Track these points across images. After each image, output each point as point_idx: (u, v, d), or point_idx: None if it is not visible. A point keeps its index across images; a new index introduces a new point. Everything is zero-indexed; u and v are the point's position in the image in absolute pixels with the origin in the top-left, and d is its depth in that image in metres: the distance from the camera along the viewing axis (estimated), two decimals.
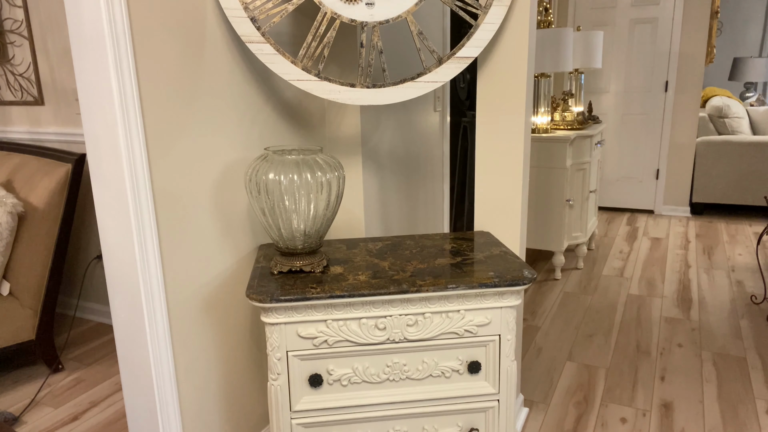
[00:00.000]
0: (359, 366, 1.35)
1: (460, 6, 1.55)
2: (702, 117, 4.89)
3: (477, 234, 1.73)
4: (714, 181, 4.70)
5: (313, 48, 1.53)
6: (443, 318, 1.34)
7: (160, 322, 1.41)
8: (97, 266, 2.85)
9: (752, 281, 3.31)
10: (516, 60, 1.66)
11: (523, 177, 1.74)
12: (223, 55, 1.53)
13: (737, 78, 6.02)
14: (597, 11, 4.81)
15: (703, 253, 3.87)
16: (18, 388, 2.32)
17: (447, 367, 1.38)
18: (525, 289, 1.80)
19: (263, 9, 1.48)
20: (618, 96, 4.88)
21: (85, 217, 2.78)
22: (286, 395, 1.34)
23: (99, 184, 1.34)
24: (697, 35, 4.52)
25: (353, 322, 1.31)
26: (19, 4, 2.63)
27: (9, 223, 2.24)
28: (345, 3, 1.51)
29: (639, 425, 2.01)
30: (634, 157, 4.92)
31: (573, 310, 3.00)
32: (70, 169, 2.36)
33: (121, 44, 1.24)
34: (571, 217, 3.44)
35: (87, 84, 1.27)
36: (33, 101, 2.74)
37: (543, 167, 3.32)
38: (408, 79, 1.57)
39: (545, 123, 3.41)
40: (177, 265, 1.45)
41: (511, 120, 1.71)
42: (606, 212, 5.04)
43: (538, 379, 2.33)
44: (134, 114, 1.29)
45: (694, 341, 2.61)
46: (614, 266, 3.65)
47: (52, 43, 2.62)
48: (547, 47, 3.15)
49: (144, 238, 1.34)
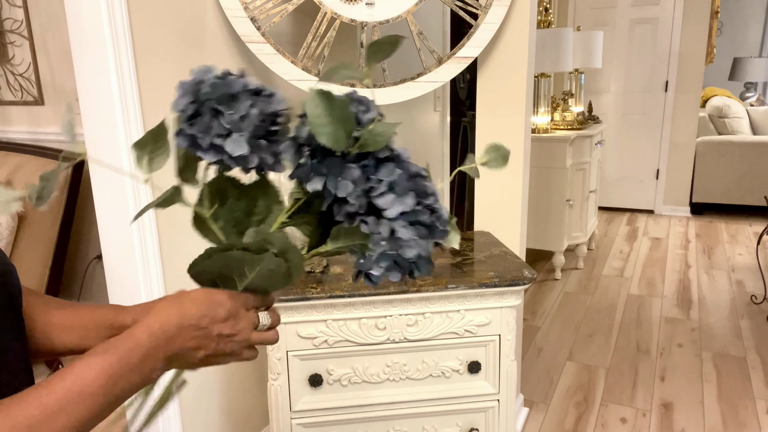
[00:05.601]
0: (359, 366, 1.35)
1: (460, 6, 1.55)
2: (702, 117, 4.89)
3: (477, 234, 1.73)
4: (714, 181, 4.70)
5: (313, 48, 1.53)
6: (443, 318, 1.34)
7: None
8: (97, 266, 2.85)
9: (752, 281, 3.31)
10: (516, 60, 1.66)
11: (523, 177, 1.74)
12: (223, 55, 1.53)
13: (737, 78, 6.02)
14: (597, 11, 4.81)
15: (703, 253, 3.86)
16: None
17: (447, 367, 1.38)
18: (525, 289, 1.80)
19: (263, 9, 1.48)
20: (618, 96, 4.88)
21: (85, 217, 2.78)
22: (286, 395, 1.34)
23: (99, 184, 1.34)
24: (697, 35, 4.51)
25: (353, 322, 1.31)
26: (19, 4, 2.63)
27: (9, 223, 2.24)
28: (345, 3, 1.51)
29: (639, 425, 2.01)
30: (634, 157, 4.91)
31: (573, 310, 3.00)
32: (70, 169, 2.36)
33: (121, 44, 1.24)
34: (571, 217, 3.44)
35: (87, 84, 1.27)
36: (33, 101, 2.74)
37: (543, 167, 3.32)
38: (408, 79, 1.57)
39: (545, 123, 3.41)
40: (177, 265, 1.45)
41: (511, 120, 1.71)
42: (606, 212, 5.03)
43: (538, 379, 2.33)
44: (134, 114, 1.29)
45: (694, 341, 2.61)
46: (614, 266, 3.65)
47: (52, 43, 2.62)
48: (547, 47, 3.15)
49: (144, 238, 1.34)
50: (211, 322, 0.56)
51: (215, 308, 0.57)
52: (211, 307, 0.57)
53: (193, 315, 0.56)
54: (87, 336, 0.66)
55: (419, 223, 0.55)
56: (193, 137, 0.53)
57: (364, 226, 0.55)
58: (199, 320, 0.56)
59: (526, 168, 1.78)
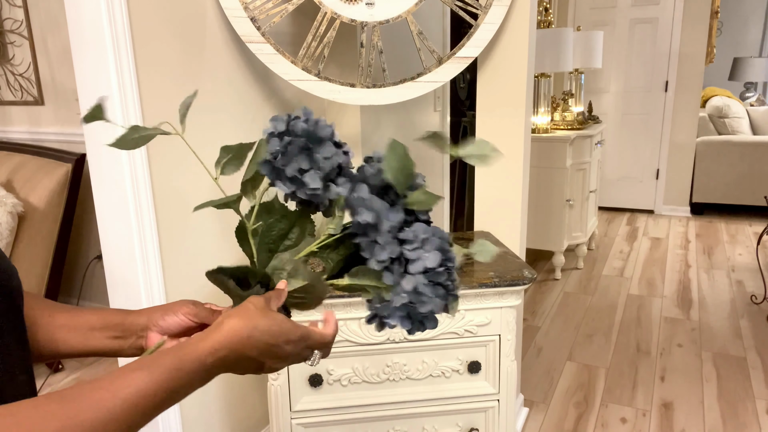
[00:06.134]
0: (359, 366, 1.35)
1: (460, 6, 1.55)
2: (702, 117, 4.89)
3: (477, 234, 1.73)
4: (714, 181, 4.70)
5: (313, 48, 1.53)
6: (443, 318, 1.34)
7: None
8: (97, 266, 2.85)
9: (752, 281, 3.31)
10: (516, 60, 1.66)
11: (523, 177, 1.74)
12: (223, 55, 1.53)
13: (737, 78, 6.02)
14: (597, 11, 4.81)
15: (703, 253, 3.87)
16: None
17: (447, 367, 1.38)
18: (525, 289, 1.80)
19: (263, 9, 1.48)
20: (618, 96, 4.88)
21: (85, 217, 2.78)
22: (286, 395, 1.34)
23: (99, 184, 1.34)
24: (697, 35, 4.51)
25: (353, 322, 1.31)
26: (19, 4, 2.63)
27: (9, 223, 2.24)
28: (345, 3, 1.51)
29: (639, 425, 2.01)
30: (634, 157, 4.91)
31: (573, 310, 3.00)
32: (70, 169, 2.36)
33: (121, 44, 1.24)
34: (571, 217, 3.44)
35: (87, 84, 1.27)
36: (33, 101, 2.74)
37: (543, 167, 3.32)
38: (408, 79, 1.57)
39: (545, 123, 3.41)
40: (177, 265, 1.45)
41: (511, 120, 1.71)
42: (606, 212, 5.03)
43: (538, 379, 2.33)
44: (134, 114, 1.29)
45: (694, 341, 2.61)
46: (614, 266, 3.65)
47: (52, 43, 2.62)
48: (547, 47, 3.15)
49: (144, 238, 1.34)
50: (273, 357, 0.59)
51: (283, 345, 0.59)
52: (279, 340, 0.58)
53: (260, 348, 0.57)
54: (92, 336, 0.66)
55: (439, 283, 0.61)
56: (277, 169, 0.60)
57: (388, 275, 0.59)
58: (261, 354, 0.57)
59: (526, 168, 1.78)
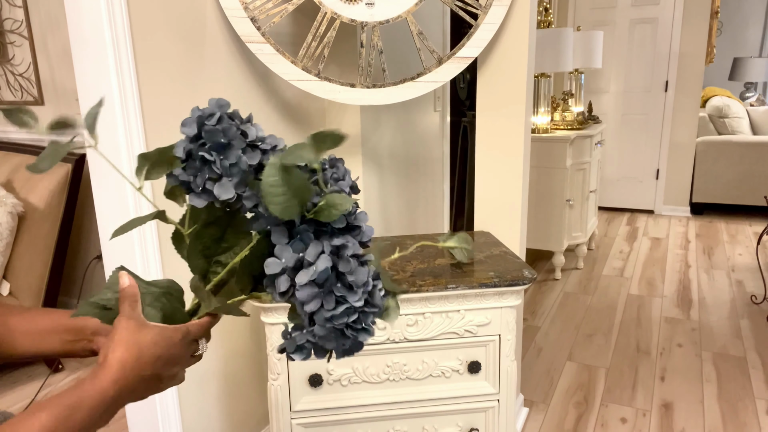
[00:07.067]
0: (359, 366, 1.35)
1: (460, 6, 1.55)
2: (702, 117, 4.89)
3: (477, 234, 1.73)
4: (714, 181, 4.70)
5: (313, 48, 1.53)
6: (443, 318, 1.34)
7: None
8: (97, 266, 2.85)
9: (752, 281, 3.31)
10: (516, 60, 1.66)
11: (523, 177, 1.74)
12: (223, 55, 1.53)
13: (737, 78, 6.02)
14: (597, 11, 4.81)
15: (703, 253, 3.86)
16: (17, 388, 2.32)
17: (447, 367, 1.38)
18: (525, 289, 1.80)
19: (263, 9, 1.48)
20: (618, 96, 4.88)
21: (85, 217, 2.78)
22: (286, 395, 1.34)
23: (99, 184, 1.34)
24: (697, 35, 4.51)
25: None
26: (19, 4, 2.63)
27: (9, 223, 2.24)
28: (345, 3, 1.51)
29: (639, 425, 2.01)
30: (634, 157, 4.91)
31: (573, 310, 3.00)
32: (70, 169, 2.36)
33: (121, 44, 1.24)
34: (571, 217, 3.44)
35: (87, 84, 1.27)
36: (33, 101, 2.74)
37: (543, 167, 3.32)
38: (408, 79, 1.57)
39: (545, 123, 3.41)
40: (177, 265, 1.45)
41: (511, 120, 1.71)
42: (606, 212, 5.03)
43: (538, 379, 2.33)
44: (134, 114, 1.29)
45: (694, 341, 2.61)
46: (614, 266, 3.65)
47: (52, 43, 2.62)
48: (547, 47, 3.15)
49: (144, 238, 1.34)
50: (166, 365, 0.60)
51: (171, 350, 0.60)
52: (166, 347, 0.60)
53: (152, 363, 0.59)
54: (43, 341, 0.67)
55: (337, 328, 0.51)
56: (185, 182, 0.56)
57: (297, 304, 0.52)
58: (155, 367, 0.59)
59: (526, 168, 1.78)
